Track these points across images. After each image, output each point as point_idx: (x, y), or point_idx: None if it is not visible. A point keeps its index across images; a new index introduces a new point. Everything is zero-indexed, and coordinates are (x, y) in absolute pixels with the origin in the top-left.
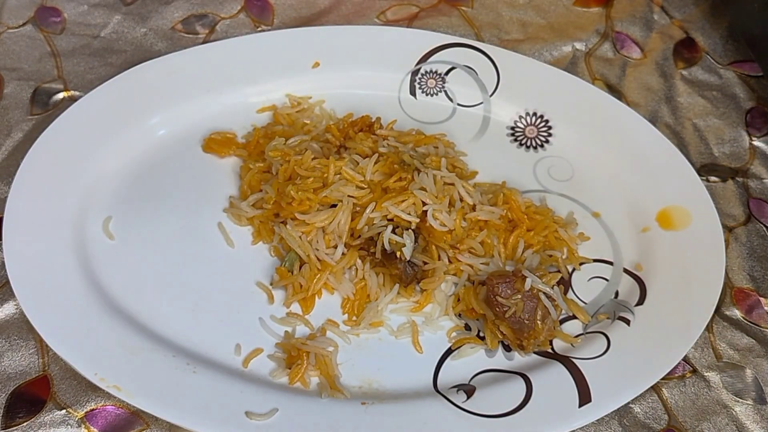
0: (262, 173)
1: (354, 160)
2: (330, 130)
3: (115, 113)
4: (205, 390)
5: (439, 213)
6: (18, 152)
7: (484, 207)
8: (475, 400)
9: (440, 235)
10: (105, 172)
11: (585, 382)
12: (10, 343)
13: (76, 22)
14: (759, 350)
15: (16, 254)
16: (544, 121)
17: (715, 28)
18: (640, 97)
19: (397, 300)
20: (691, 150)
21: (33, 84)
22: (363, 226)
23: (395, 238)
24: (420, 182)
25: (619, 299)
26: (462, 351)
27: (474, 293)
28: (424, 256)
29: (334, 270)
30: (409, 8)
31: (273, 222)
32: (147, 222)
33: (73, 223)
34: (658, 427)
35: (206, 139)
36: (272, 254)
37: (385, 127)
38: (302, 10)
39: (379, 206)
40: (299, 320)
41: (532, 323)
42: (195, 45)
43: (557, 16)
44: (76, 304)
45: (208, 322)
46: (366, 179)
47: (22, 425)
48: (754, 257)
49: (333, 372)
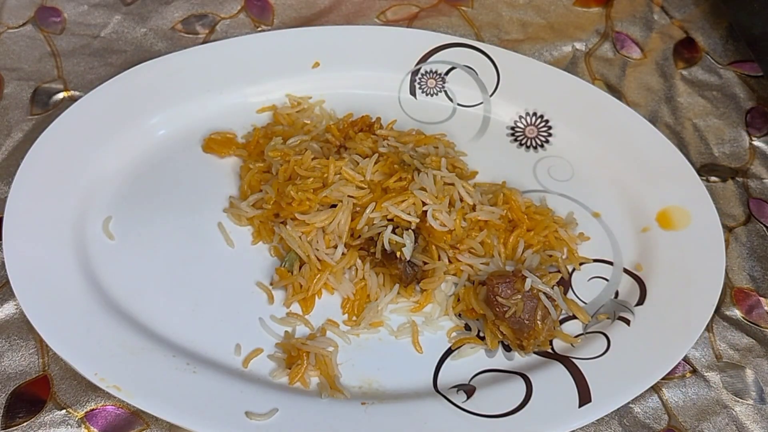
0: (262, 173)
1: (354, 160)
2: (330, 130)
3: (115, 113)
4: (205, 390)
5: (439, 213)
6: (18, 152)
7: (484, 207)
8: (475, 400)
9: (440, 235)
10: (105, 172)
11: (585, 382)
12: (10, 343)
13: (76, 22)
14: (759, 350)
15: (16, 254)
16: (544, 121)
17: (715, 28)
18: (640, 97)
19: (397, 300)
20: (691, 150)
21: (33, 84)
22: (363, 226)
23: (395, 238)
24: (420, 182)
25: (619, 299)
26: (462, 351)
27: (474, 293)
28: (424, 256)
29: (334, 270)
30: (409, 8)
31: (273, 222)
32: (147, 222)
33: (73, 223)
34: (658, 427)
35: (206, 139)
36: (272, 254)
37: (385, 127)
38: (302, 10)
39: (379, 206)
40: (299, 320)
41: (532, 323)
42: (195, 45)
43: (557, 16)
44: (76, 304)
45: (208, 322)
46: (366, 179)
47: (22, 425)
48: (754, 257)
49: (333, 372)
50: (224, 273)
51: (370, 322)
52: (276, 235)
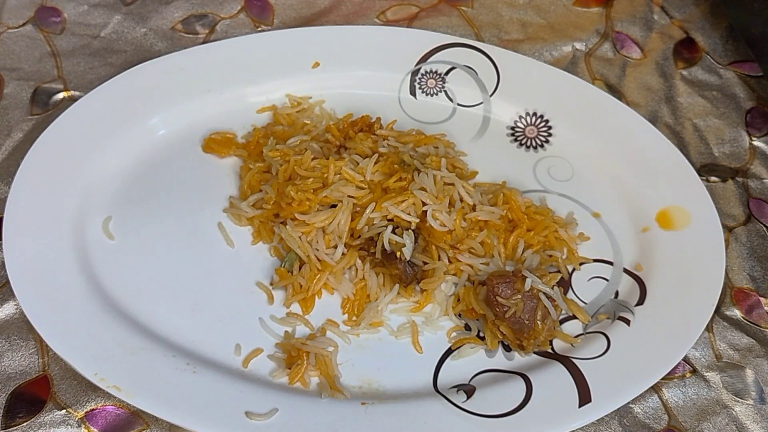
0: (262, 173)
1: (354, 160)
2: (330, 130)
3: (115, 113)
4: (205, 390)
5: (439, 213)
6: (18, 152)
7: (484, 207)
8: (475, 400)
9: (440, 236)
10: (105, 172)
11: (585, 382)
12: (10, 343)
13: (76, 22)
14: (759, 350)
15: (16, 254)
16: (544, 121)
17: (715, 28)
18: (640, 97)
19: (397, 300)
20: (691, 150)
21: (33, 84)
22: (363, 227)
23: (395, 238)
24: (420, 182)
25: (619, 299)
26: (462, 351)
27: (474, 293)
28: (424, 256)
29: (334, 270)
30: (409, 8)
31: (273, 222)
32: (147, 222)
33: (73, 223)
34: (658, 427)
35: (206, 139)
36: (272, 254)
37: (385, 127)
38: (302, 10)
39: (379, 206)
40: (299, 320)
41: (532, 323)
42: (195, 45)
43: (557, 16)
44: (76, 304)
45: (208, 322)
46: (366, 179)
47: (22, 425)
48: (754, 257)
49: (333, 372)
50: (224, 273)
51: (370, 322)
52: (276, 235)
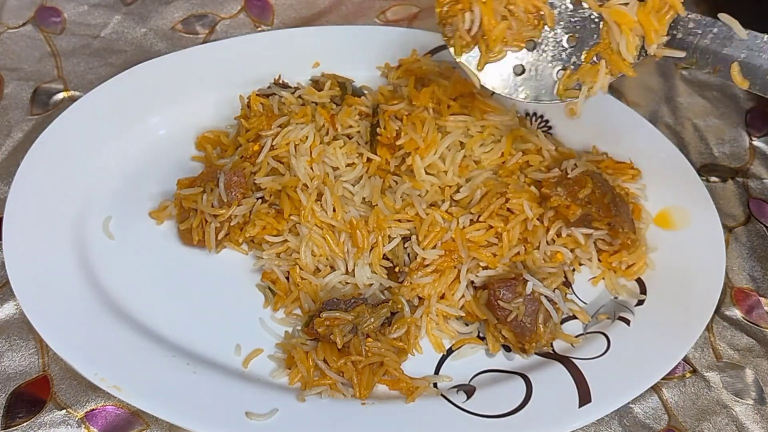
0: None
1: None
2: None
3: (115, 113)
4: (205, 390)
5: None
6: (18, 152)
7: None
8: (475, 400)
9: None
10: (105, 172)
11: (585, 383)
12: (10, 343)
13: (76, 22)
14: (759, 350)
15: (16, 254)
16: (544, 121)
17: None
18: (640, 97)
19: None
20: (691, 150)
21: (33, 84)
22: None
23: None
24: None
25: (619, 299)
26: (462, 351)
27: (475, 298)
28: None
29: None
30: (409, 8)
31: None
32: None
33: (73, 223)
34: (658, 427)
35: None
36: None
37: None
38: (302, 10)
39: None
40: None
41: (534, 327)
42: (195, 45)
43: None
44: (76, 304)
45: (207, 322)
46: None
47: (22, 425)
48: (754, 257)
49: None
50: (224, 273)
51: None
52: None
